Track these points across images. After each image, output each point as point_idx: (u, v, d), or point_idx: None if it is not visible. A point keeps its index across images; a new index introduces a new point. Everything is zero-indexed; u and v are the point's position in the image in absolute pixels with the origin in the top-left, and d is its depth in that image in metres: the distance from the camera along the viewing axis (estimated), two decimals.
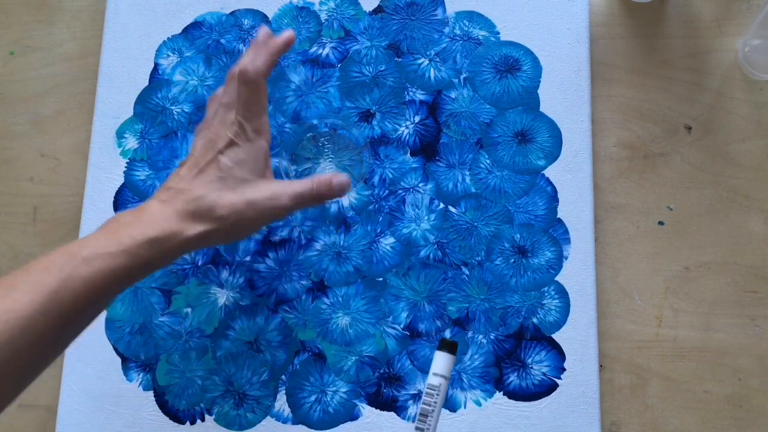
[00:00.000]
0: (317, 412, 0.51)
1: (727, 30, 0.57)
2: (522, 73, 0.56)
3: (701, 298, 0.53)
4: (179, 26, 0.59)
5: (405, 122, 0.55)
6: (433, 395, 0.40)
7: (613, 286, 0.53)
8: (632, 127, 0.56)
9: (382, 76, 0.56)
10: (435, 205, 0.54)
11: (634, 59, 0.57)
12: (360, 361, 0.51)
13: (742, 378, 0.51)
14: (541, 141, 0.55)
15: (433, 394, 0.40)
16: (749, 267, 0.53)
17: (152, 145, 0.56)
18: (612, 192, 0.55)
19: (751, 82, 0.56)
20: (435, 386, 0.41)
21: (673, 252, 0.53)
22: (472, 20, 0.57)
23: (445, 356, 0.41)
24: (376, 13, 0.58)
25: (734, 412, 0.51)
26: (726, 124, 0.55)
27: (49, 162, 0.58)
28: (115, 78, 0.58)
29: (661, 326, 0.52)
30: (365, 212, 0.54)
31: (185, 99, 0.57)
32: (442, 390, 0.40)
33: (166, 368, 0.52)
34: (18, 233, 0.57)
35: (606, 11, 0.58)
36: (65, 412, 0.52)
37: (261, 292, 0.53)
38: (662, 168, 0.55)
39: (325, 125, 0.55)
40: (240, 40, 0.58)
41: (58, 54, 0.60)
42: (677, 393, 0.51)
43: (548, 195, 0.54)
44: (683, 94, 0.56)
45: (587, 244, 0.53)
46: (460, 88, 0.56)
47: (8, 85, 0.60)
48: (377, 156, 0.55)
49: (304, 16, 0.58)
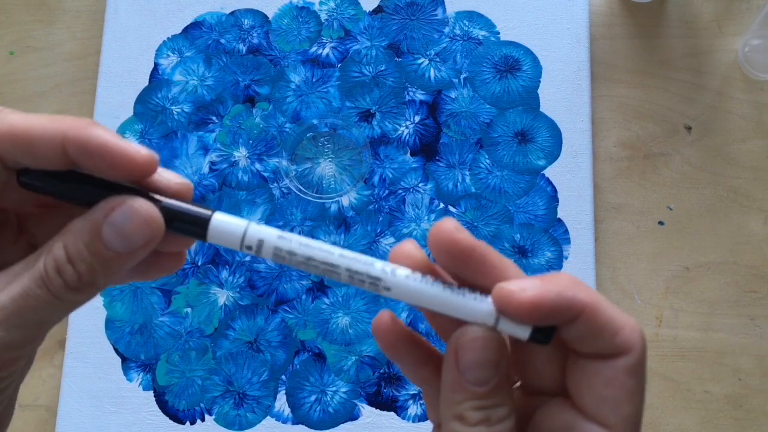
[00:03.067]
0: (317, 412, 0.51)
1: (727, 30, 0.57)
2: (522, 73, 0.56)
3: (701, 298, 0.53)
4: (179, 26, 0.59)
5: (405, 122, 0.55)
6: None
7: (613, 286, 0.53)
8: (632, 127, 0.56)
9: (382, 76, 0.56)
10: (435, 205, 0.54)
11: (634, 59, 0.57)
12: (360, 361, 0.51)
13: (742, 378, 0.51)
14: (541, 141, 0.55)
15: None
16: (749, 267, 0.53)
17: (152, 145, 0.56)
18: (612, 192, 0.55)
19: (751, 82, 0.56)
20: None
21: (673, 252, 0.53)
22: (472, 20, 0.57)
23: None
24: (376, 13, 0.58)
25: (734, 412, 0.51)
26: (726, 124, 0.55)
27: None
28: (115, 78, 0.58)
29: (661, 326, 0.52)
30: (365, 212, 0.54)
31: (185, 99, 0.57)
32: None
33: (166, 368, 0.52)
34: None
35: (606, 11, 0.58)
36: (65, 412, 0.52)
37: (261, 292, 0.53)
38: (662, 168, 0.55)
39: (325, 125, 0.55)
40: (240, 40, 0.58)
41: (58, 54, 0.60)
42: (677, 393, 0.51)
43: (548, 195, 0.54)
44: (683, 94, 0.56)
45: (587, 244, 0.53)
46: (460, 88, 0.56)
47: (8, 85, 0.60)
48: (377, 156, 0.55)
49: (304, 16, 0.58)
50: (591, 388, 0.24)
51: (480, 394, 0.24)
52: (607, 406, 0.23)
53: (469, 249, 0.24)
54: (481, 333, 0.24)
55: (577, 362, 0.24)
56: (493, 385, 0.24)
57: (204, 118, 0.56)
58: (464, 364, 0.24)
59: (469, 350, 0.24)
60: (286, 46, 0.58)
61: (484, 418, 0.23)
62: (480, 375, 0.24)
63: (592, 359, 0.24)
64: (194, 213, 0.23)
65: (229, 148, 0.56)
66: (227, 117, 0.56)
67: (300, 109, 0.56)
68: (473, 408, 0.24)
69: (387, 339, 0.26)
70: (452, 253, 0.24)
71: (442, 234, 0.24)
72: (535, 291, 0.23)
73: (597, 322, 0.23)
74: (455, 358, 0.24)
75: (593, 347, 0.24)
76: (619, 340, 0.23)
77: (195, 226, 0.23)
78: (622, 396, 0.23)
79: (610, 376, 0.23)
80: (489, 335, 0.24)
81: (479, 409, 0.24)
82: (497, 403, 0.24)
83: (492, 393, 0.24)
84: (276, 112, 0.56)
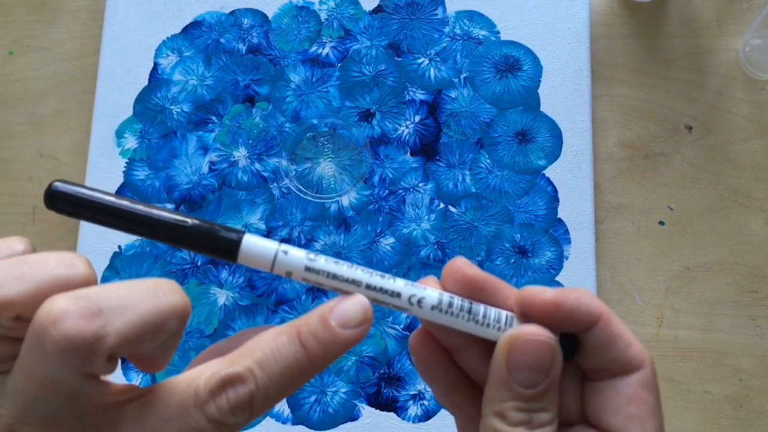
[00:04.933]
0: (317, 413, 0.51)
1: (727, 29, 0.57)
2: (522, 72, 0.56)
3: (702, 298, 0.53)
4: (179, 26, 0.59)
5: (405, 122, 0.55)
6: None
7: (614, 286, 0.53)
8: (633, 126, 0.55)
9: (382, 75, 0.56)
10: (435, 205, 0.54)
11: (635, 59, 0.57)
12: (360, 361, 0.51)
13: (742, 378, 0.51)
14: (542, 141, 0.54)
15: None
16: (750, 267, 0.53)
17: (152, 144, 0.56)
18: (612, 192, 0.54)
19: (752, 82, 0.56)
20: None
21: (673, 252, 0.53)
22: (473, 20, 0.57)
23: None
24: (376, 13, 0.58)
25: (735, 413, 0.51)
26: (727, 123, 0.55)
27: (48, 162, 0.58)
28: (115, 78, 0.58)
29: (661, 326, 0.52)
30: (365, 212, 0.54)
31: (185, 99, 0.57)
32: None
33: (166, 369, 0.52)
34: (17, 233, 0.57)
35: (606, 11, 0.58)
36: None
37: (261, 292, 0.53)
38: (663, 168, 0.55)
39: (325, 125, 0.55)
40: (239, 40, 0.58)
41: (57, 54, 0.60)
42: (678, 393, 0.51)
43: (549, 195, 0.53)
44: (684, 93, 0.56)
45: (588, 244, 0.53)
46: (461, 88, 0.56)
47: (7, 85, 0.60)
48: (377, 156, 0.55)
49: (304, 15, 0.58)
50: (614, 408, 0.24)
51: (526, 396, 0.23)
52: (634, 423, 0.24)
53: (481, 282, 0.25)
54: (537, 336, 0.23)
55: (595, 386, 0.25)
56: (541, 390, 0.23)
57: (203, 118, 0.56)
58: (514, 365, 0.23)
59: (523, 352, 0.23)
60: (285, 46, 0.57)
61: (526, 420, 0.23)
62: (529, 378, 0.23)
63: (610, 378, 0.24)
64: (223, 236, 0.24)
65: (229, 148, 0.56)
66: (227, 117, 0.56)
67: (300, 108, 0.56)
68: (516, 408, 0.23)
69: (423, 354, 0.26)
70: (467, 287, 0.25)
71: (455, 270, 0.25)
72: (556, 292, 0.24)
73: (613, 329, 0.24)
74: (507, 356, 0.24)
75: (610, 359, 0.24)
76: (633, 352, 0.24)
77: (224, 252, 0.24)
78: (646, 412, 0.24)
79: (630, 394, 0.24)
80: (546, 340, 0.23)
81: (522, 410, 0.23)
82: (542, 408, 0.24)
83: (538, 397, 0.23)
84: (276, 112, 0.56)
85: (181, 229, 0.23)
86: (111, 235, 0.54)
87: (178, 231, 0.23)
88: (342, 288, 0.24)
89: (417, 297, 0.24)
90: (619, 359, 0.24)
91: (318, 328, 0.23)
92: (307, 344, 0.22)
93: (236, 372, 0.21)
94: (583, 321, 0.24)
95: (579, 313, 0.24)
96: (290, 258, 0.24)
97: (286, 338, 0.22)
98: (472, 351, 0.25)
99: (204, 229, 0.23)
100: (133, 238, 0.54)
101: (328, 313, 0.23)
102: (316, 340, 0.22)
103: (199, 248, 0.24)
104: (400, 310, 0.24)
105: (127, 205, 0.23)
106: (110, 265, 0.54)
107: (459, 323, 0.24)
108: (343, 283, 0.24)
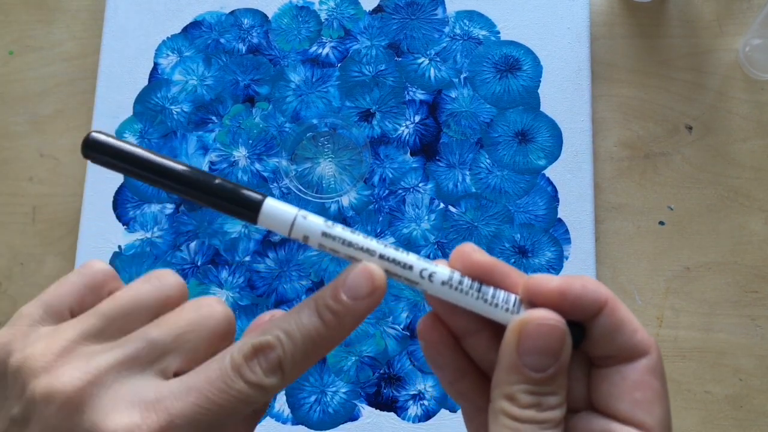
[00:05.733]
0: (317, 413, 0.51)
1: (727, 29, 0.57)
2: (522, 72, 0.56)
3: (702, 298, 0.53)
4: (179, 26, 0.59)
5: (405, 122, 0.55)
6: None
7: (614, 286, 0.53)
8: (633, 126, 0.55)
9: (382, 75, 0.56)
10: (435, 205, 0.54)
11: (635, 59, 0.57)
12: (360, 361, 0.51)
13: (743, 378, 0.51)
14: (542, 141, 0.54)
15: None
16: (750, 267, 0.53)
17: (152, 144, 0.56)
18: (613, 192, 0.54)
19: (752, 82, 0.56)
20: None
21: (673, 252, 0.53)
22: (473, 20, 0.57)
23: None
24: (376, 13, 0.58)
25: (735, 413, 0.51)
26: (727, 123, 0.55)
27: (48, 162, 0.58)
28: (115, 78, 0.58)
29: (661, 326, 0.52)
30: (365, 212, 0.54)
31: (185, 99, 0.57)
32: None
33: None
34: (17, 233, 0.57)
35: (606, 11, 0.58)
36: None
37: (261, 292, 0.53)
38: (663, 168, 0.55)
39: (325, 125, 0.55)
40: (239, 40, 0.58)
41: (57, 53, 0.60)
42: (678, 393, 0.51)
43: (549, 195, 0.53)
44: (684, 93, 0.56)
45: (588, 244, 0.53)
46: (461, 88, 0.56)
47: (7, 85, 0.60)
48: (377, 156, 0.55)
49: (304, 15, 0.58)
50: (621, 394, 0.24)
51: (535, 380, 0.23)
52: (641, 408, 0.24)
53: (490, 266, 0.25)
54: (549, 320, 0.24)
55: (601, 373, 0.25)
56: (551, 374, 0.24)
57: (203, 118, 0.56)
58: (525, 348, 0.24)
59: (534, 336, 0.24)
60: (285, 46, 0.57)
61: (536, 403, 0.23)
62: (539, 361, 0.23)
63: (616, 365, 0.24)
64: (245, 196, 0.25)
65: (229, 148, 0.56)
66: (227, 117, 0.56)
67: (300, 108, 0.56)
68: (526, 392, 0.23)
69: (431, 338, 0.26)
70: (476, 271, 0.25)
71: (464, 254, 0.25)
72: (561, 280, 0.24)
73: (619, 315, 0.24)
74: (517, 340, 0.24)
75: (616, 345, 0.24)
76: (639, 337, 0.24)
77: (247, 209, 0.25)
78: (653, 397, 0.24)
79: (637, 379, 0.24)
80: (557, 324, 0.24)
81: (532, 394, 0.23)
82: (551, 392, 0.24)
83: (548, 381, 0.24)
84: (276, 112, 0.56)
85: (207, 186, 0.24)
86: (111, 235, 0.54)
87: (205, 187, 0.24)
88: (356, 256, 0.25)
89: (429, 271, 0.24)
90: (625, 345, 0.24)
91: (331, 302, 0.24)
92: (324, 316, 0.24)
93: (266, 340, 0.24)
94: (589, 308, 0.24)
95: (585, 300, 0.24)
96: (309, 223, 0.25)
97: (307, 310, 0.24)
98: (480, 336, 0.26)
99: (228, 188, 0.24)
100: (133, 238, 0.54)
101: (341, 286, 0.24)
102: (331, 312, 0.24)
103: (222, 206, 0.25)
104: (411, 284, 0.25)
105: (158, 159, 0.24)
106: (110, 265, 0.54)
107: (468, 301, 0.24)
108: (357, 251, 0.25)
